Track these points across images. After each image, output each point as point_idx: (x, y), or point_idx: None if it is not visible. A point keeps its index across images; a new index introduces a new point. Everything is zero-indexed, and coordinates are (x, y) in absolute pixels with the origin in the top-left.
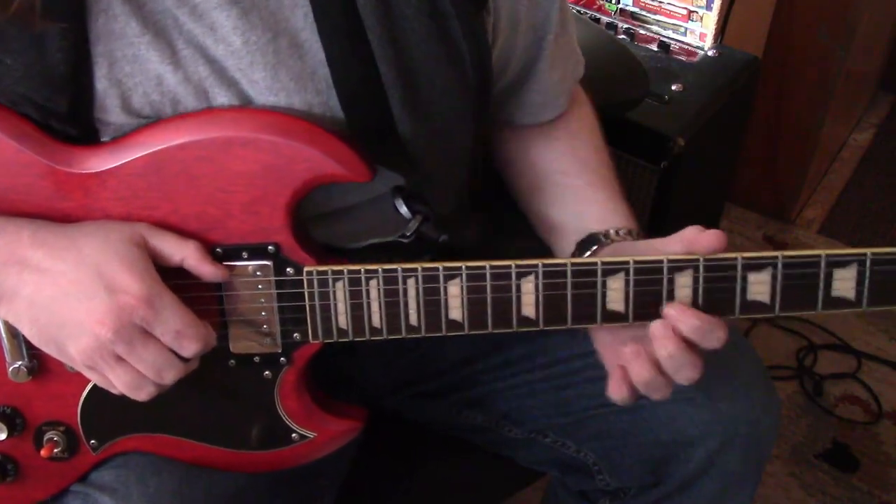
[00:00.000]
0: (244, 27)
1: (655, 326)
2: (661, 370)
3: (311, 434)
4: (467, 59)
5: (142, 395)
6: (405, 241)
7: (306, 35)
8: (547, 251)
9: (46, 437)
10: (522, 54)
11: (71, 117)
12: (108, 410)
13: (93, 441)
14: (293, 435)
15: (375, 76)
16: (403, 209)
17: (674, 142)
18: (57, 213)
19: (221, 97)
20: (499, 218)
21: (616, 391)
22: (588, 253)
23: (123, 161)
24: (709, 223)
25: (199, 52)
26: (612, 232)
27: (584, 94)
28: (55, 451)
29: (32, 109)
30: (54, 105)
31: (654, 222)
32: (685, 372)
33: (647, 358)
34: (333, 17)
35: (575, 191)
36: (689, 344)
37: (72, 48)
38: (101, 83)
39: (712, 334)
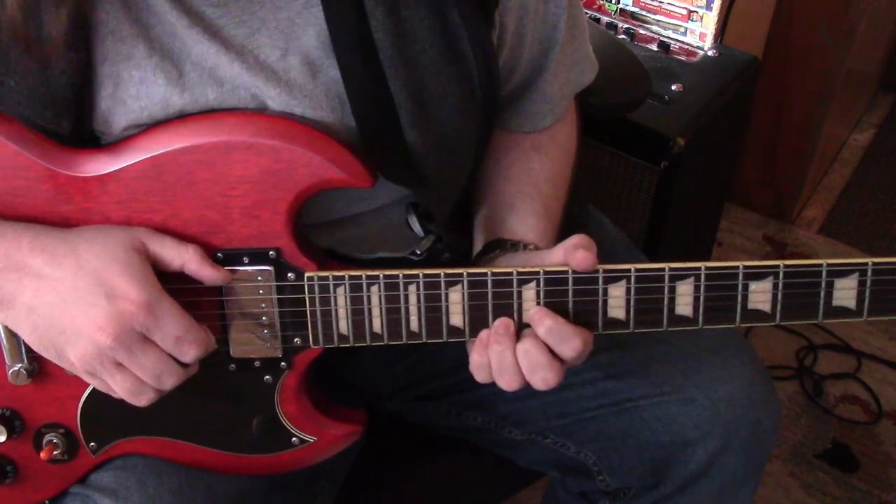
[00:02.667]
0: (254, 45)
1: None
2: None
3: (311, 438)
4: (476, 77)
5: (142, 400)
6: (415, 258)
7: (318, 53)
8: None
9: (46, 439)
10: (527, 66)
11: (72, 137)
12: (107, 413)
13: (92, 443)
14: (293, 439)
15: (387, 95)
16: (416, 227)
17: (674, 142)
18: (57, 216)
19: None
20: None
21: (477, 359)
22: (489, 256)
23: (124, 165)
24: (709, 223)
25: (207, 75)
26: (520, 245)
27: (573, 114)
28: (55, 453)
29: (33, 127)
30: (56, 127)
31: (654, 222)
32: (541, 373)
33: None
34: (347, 35)
35: (506, 197)
36: (547, 348)
37: (76, 72)
38: (106, 103)
39: (567, 342)
